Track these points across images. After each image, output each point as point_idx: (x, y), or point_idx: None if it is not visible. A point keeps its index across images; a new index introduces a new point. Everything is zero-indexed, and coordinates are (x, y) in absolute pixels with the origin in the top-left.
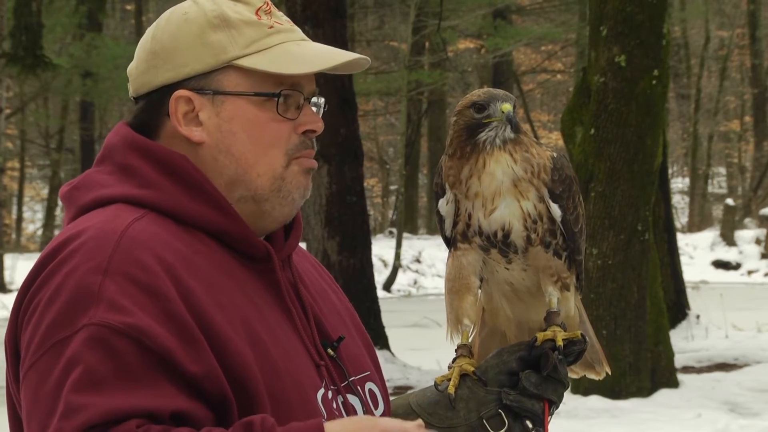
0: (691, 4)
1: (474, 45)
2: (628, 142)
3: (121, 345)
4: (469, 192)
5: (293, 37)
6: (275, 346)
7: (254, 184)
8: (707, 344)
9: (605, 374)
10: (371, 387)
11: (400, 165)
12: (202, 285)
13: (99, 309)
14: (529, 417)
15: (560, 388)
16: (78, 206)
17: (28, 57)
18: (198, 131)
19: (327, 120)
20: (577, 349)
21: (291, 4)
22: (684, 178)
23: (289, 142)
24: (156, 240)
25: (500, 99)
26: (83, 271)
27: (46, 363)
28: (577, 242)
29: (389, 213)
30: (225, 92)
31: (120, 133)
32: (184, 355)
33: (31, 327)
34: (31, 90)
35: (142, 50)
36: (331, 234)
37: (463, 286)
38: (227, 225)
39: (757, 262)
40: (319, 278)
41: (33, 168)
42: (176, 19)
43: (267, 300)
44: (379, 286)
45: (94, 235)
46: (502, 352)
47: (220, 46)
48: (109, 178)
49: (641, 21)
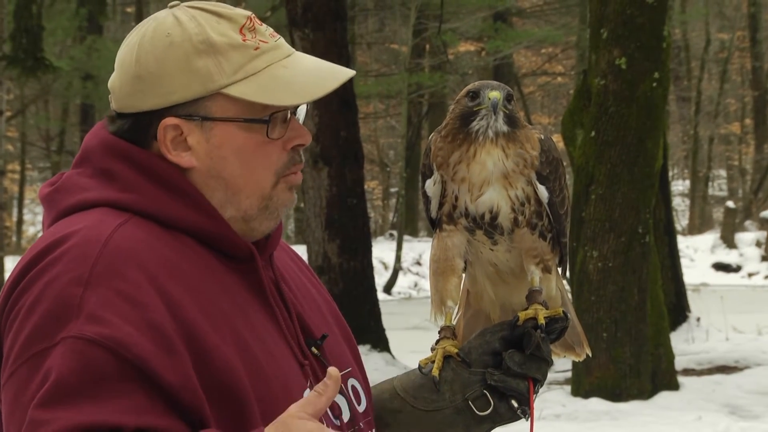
0: (692, 6)
1: (474, 47)
2: (628, 145)
3: (97, 356)
4: (455, 176)
5: (279, 55)
6: (261, 350)
7: (243, 206)
8: (708, 347)
9: (585, 356)
10: (354, 383)
11: (401, 167)
12: (187, 292)
13: (78, 322)
14: (515, 396)
15: (544, 366)
16: (59, 210)
17: (28, 59)
18: (187, 156)
19: (327, 122)
20: (560, 327)
21: (291, 7)
22: (684, 180)
23: (279, 162)
24: (140, 247)
25: (491, 87)
26: (65, 281)
27: (23, 374)
28: (562, 224)
29: (390, 215)
30: (214, 118)
31: (98, 136)
32: (162, 366)
33: (12, 334)
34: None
35: (126, 72)
36: (331, 236)
37: (448, 268)
38: (210, 226)
39: (757, 265)
40: (299, 272)
41: (33, 171)
42: (160, 42)
43: (251, 301)
44: (380, 289)
45: (77, 243)
46: (484, 332)
47: (208, 74)
48: (90, 181)
49: (642, 23)
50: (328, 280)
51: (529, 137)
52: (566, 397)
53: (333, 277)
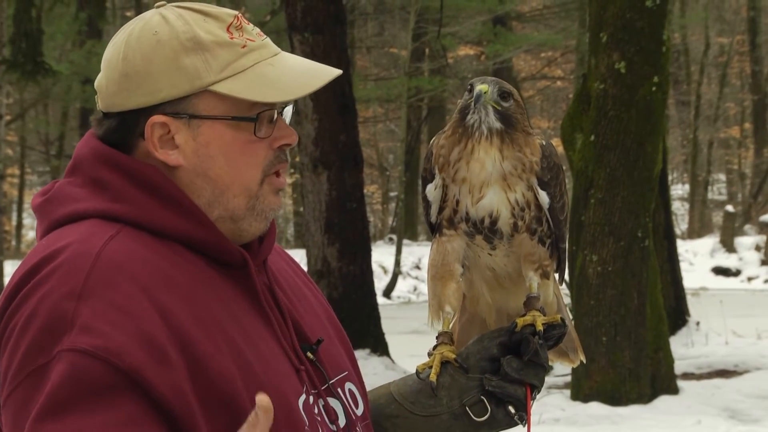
0: (691, 10)
1: (474, 51)
2: (628, 149)
3: (89, 367)
4: (456, 176)
5: (266, 53)
6: (257, 358)
7: (231, 205)
8: (707, 351)
9: (579, 363)
10: (350, 387)
11: (400, 171)
12: (181, 302)
13: (71, 334)
14: (512, 402)
15: (541, 372)
16: (51, 220)
17: (28, 63)
18: (174, 154)
19: (327, 126)
20: (557, 333)
21: (291, 11)
22: (684, 184)
23: (265, 160)
24: (132, 258)
25: (483, 81)
26: (57, 296)
27: (22, 392)
28: (562, 230)
29: (389, 220)
30: (201, 116)
31: (89, 144)
32: (155, 376)
33: (8, 353)
34: (31, 96)
35: (113, 70)
36: (331, 240)
37: (447, 273)
38: (202, 234)
39: (756, 269)
40: (294, 276)
41: (33, 175)
42: (147, 40)
43: (245, 307)
44: (379, 293)
45: (69, 257)
46: (482, 338)
47: (195, 72)
48: (81, 191)
49: (641, 27)
50: (328, 285)
51: (529, 142)
52: (566, 401)
53: (332, 281)
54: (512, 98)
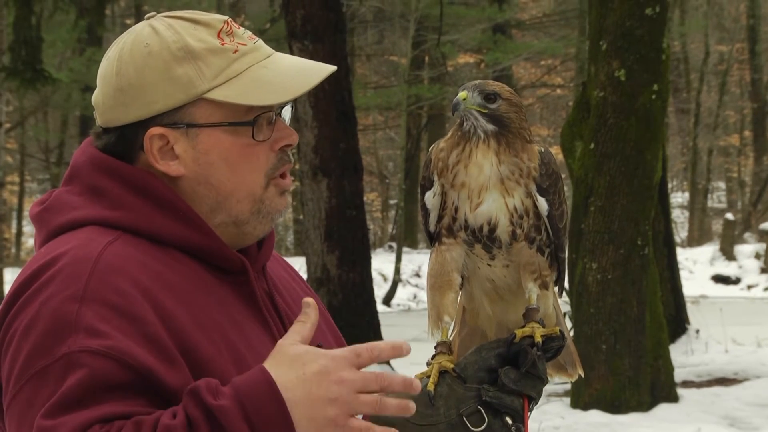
0: (691, 18)
1: (474, 59)
2: (627, 157)
3: (103, 366)
4: (455, 180)
5: (259, 56)
6: (256, 361)
7: (235, 210)
8: (707, 359)
9: (578, 377)
10: None
11: (400, 179)
12: (180, 305)
13: (78, 337)
14: (509, 413)
15: (539, 384)
16: (49, 229)
17: (27, 71)
18: (175, 164)
19: (327, 134)
20: (556, 345)
21: (291, 19)
22: (683, 192)
23: (268, 163)
24: (131, 263)
25: (463, 87)
26: (59, 299)
27: (27, 393)
28: (561, 239)
29: (389, 227)
30: (198, 125)
31: (86, 153)
32: (166, 373)
33: (9, 358)
34: (31, 104)
35: (108, 85)
36: (330, 248)
37: (445, 283)
38: (201, 240)
39: (756, 277)
40: (292, 281)
41: (33, 182)
42: (139, 53)
43: (244, 313)
44: (379, 301)
45: (69, 263)
46: (480, 348)
47: (189, 81)
48: (79, 199)
49: (641, 35)
50: (327, 292)
51: (527, 148)
52: (565, 409)
53: (332, 288)
54: (500, 98)
